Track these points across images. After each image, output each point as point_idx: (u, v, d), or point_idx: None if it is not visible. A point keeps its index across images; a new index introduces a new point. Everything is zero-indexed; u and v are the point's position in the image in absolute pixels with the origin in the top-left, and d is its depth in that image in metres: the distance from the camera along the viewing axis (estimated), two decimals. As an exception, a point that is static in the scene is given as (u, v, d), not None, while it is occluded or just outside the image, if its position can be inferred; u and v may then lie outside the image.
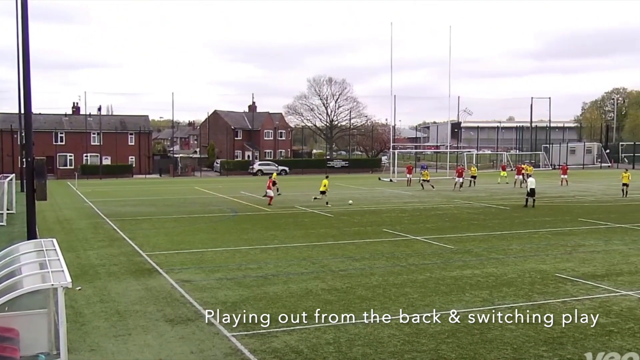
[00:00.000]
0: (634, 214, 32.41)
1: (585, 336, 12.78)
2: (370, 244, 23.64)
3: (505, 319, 13.85)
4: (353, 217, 31.89)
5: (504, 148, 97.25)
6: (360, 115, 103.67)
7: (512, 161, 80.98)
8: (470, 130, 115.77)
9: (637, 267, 19.33)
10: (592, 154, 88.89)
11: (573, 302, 15.35)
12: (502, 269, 19.13)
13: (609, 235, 25.49)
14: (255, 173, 76.76)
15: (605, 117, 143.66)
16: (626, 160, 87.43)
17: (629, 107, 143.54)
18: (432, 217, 31.65)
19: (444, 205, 37.08)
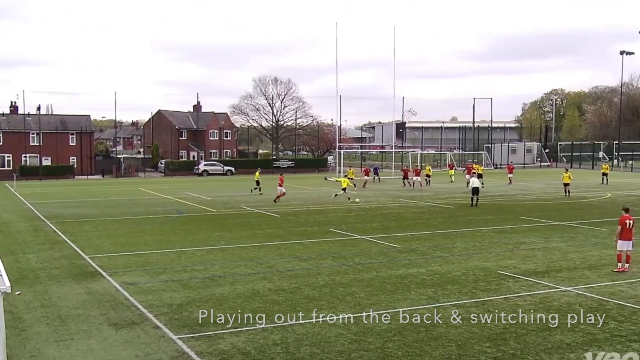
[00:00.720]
0: (572, 212, 33.35)
1: (527, 332, 13.09)
2: (316, 244, 23.69)
3: (450, 316, 14.08)
4: (299, 217, 31.92)
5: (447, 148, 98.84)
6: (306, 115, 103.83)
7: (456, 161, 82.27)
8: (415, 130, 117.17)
9: (576, 264, 19.90)
10: (532, 153, 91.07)
11: (515, 298, 15.70)
12: (446, 267, 19.43)
13: (549, 233, 26.17)
14: (200, 173, 76.05)
15: (544, 117, 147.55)
16: (565, 160, 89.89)
17: (567, 107, 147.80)
18: (378, 217, 31.93)
19: (390, 205, 37.45)
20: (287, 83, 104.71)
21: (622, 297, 15.76)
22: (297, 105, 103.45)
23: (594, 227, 27.59)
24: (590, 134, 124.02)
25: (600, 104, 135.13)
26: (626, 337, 12.69)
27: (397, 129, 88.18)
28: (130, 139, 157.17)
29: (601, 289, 16.67)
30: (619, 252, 18.89)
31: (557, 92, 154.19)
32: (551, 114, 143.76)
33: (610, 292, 16.25)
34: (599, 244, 23.56)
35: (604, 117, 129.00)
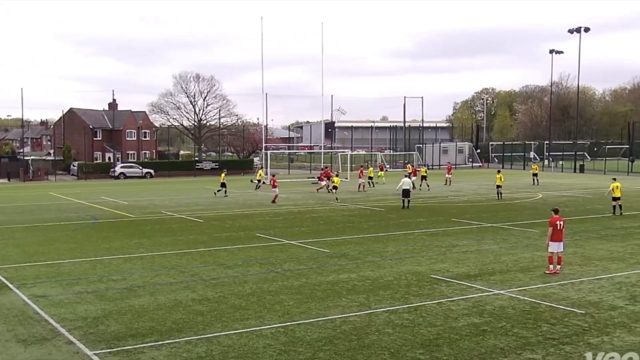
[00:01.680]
0: (504, 213, 34.33)
1: (461, 337, 13.38)
2: (243, 250, 23.57)
3: (383, 322, 14.25)
4: (224, 221, 31.69)
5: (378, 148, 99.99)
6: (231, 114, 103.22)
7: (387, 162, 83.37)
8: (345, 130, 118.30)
9: (508, 266, 20.48)
10: (464, 153, 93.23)
11: (448, 303, 16.02)
12: (378, 271, 19.66)
13: (481, 235, 26.86)
14: (117, 176, 74.51)
15: (475, 116, 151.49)
16: (496, 160, 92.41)
17: (498, 107, 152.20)
18: (307, 220, 32.03)
19: (319, 208, 37.63)
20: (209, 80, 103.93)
21: (554, 299, 16.31)
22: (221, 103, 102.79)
23: (525, 229, 28.47)
24: (521, 133, 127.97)
25: (530, 104, 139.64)
26: (558, 340, 13.14)
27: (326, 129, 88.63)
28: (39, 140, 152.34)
29: (533, 291, 17.21)
30: (550, 254, 19.55)
31: (488, 91, 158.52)
32: (482, 113, 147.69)
33: (543, 295, 16.80)
34: (531, 245, 24.32)
35: (535, 117, 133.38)
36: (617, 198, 33.83)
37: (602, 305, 15.83)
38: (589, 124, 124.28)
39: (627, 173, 68.75)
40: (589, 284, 18.13)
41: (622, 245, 24.43)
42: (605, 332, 13.66)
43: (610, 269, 20.14)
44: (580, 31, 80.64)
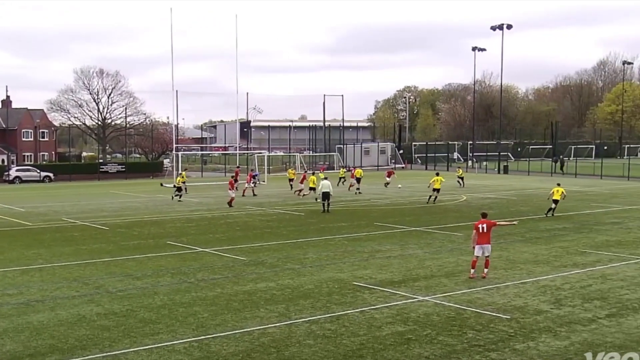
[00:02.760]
0: (428, 217, 35.01)
1: (385, 346, 13.57)
2: (152, 259, 23.19)
3: (304, 333, 14.30)
4: (132, 229, 31.11)
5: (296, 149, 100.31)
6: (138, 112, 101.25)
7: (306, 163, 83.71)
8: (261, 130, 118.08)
9: (433, 272, 20.90)
10: (386, 154, 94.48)
11: (371, 311, 16.22)
12: (298, 280, 19.71)
13: (405, 239, 27.31)
14: (12, 180, 71.96)
15: (398, 116, 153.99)
16: (419, 161, 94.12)
17: (421, 106, 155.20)
18: (222, 226, 31.81)
19: (235, 213, 37.43)
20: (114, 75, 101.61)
21: (480, 305, 16.75)
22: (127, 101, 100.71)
23: (450, 232, 29.13)
24: (444, 133, 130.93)
25: (453, 103, 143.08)
26: (484, 347, 13.50)
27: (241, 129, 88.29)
28: None
29: (459, 297, 17.63)
30: (474, 258, 20.06)
31: (410, 89, 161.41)
32: (405, 112, 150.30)
33: (468, 300, 17.23)
34: (455, 249, 24.90)
35: (458, 116, 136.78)
36: (556, 201, 35.04)
37: (528, 309, 16.36)
38: (513, 123, 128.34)
39: (550, 174, 71.24)
40: (514, 288, 18.70)
41: (546, 247, 25.31)
42: (530, 338, 14.12)
43: (535, 272, 20.83)
44: (502, 28, 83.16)
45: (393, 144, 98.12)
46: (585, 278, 20.07)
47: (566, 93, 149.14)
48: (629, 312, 16.23)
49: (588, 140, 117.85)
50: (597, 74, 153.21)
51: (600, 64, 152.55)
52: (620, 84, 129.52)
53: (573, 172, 69.59)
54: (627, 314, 16.06)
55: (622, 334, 14.45)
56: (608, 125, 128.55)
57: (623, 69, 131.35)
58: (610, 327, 15.00)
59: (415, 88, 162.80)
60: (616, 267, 21.72)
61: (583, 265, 21.95)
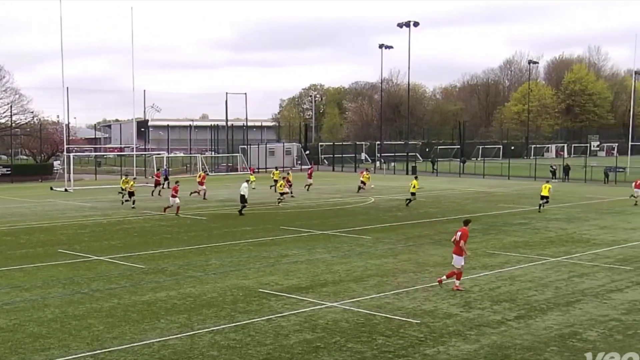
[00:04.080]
0: (336, 220, 35.31)
1: (292, 355, 13.61)
2: (42, 269, 22.48)
3: (207, 344, 14.17)
4: (19, 236, 30.06)
5: (197, 149, 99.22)
6: (25, 110, 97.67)
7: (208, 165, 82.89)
8: (160, 129, 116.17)
9: (341, 276, 21.11)
10: (292, 155, 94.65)
11: (278, 318, 16.24)
12: (201, 287, 19.53)
13: (312, 243, 27.47)
14: None
15: (303, 115, 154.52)
16: (326, 162, 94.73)
17: (327, 105, 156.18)
18: (119, 233, 31.15)
19: (132, 218, 36.71)
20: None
21: (389, 310, 17.04)
22: (13, 98, 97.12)
23: (358, 236, 29.48)
24: (352, 133, 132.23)
25: (361, 102, 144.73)
26: (394, 353, 13.74)
27: (138, 128, 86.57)
28: None
29: (368, 302, 17.87)
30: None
31: (316, 87, 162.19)
32: (311, 111, 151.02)
33: (377, 305, 17.48)
34: (364, 253, 25.23)
35: (366, 116, 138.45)
36: (543, 197, 39.09)
37: (437, 313, 16.74)
38: (420, 123, 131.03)
39: (458, 175, 73.11)
40: (423, 291, 19.10)
41: (455, 249, 25.90)
42: (440, 342, 14.45)
43: (444, 274, 21.29)
44: (409, 26, 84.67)
45: (299, 145, 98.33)
46: (494, 280, 20.71)
47: (473, 92, 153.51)
48: (537, 314, 16.85)
49: (495, 140, 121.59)
50: (504, 73, 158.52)
51: (506, 63, 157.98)
52: (526, 83, 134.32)
53: (481, 173, 71.59)
54: (536, 315, 16.67)
55: (530, 336, 14.99)
56: (515, 125, 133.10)
57: (529, 68, 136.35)
58: (519, 329, 15.53)
59: (321, 86, 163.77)
60: (524, 268, 22.51)
61: (492, 267, 22.65)
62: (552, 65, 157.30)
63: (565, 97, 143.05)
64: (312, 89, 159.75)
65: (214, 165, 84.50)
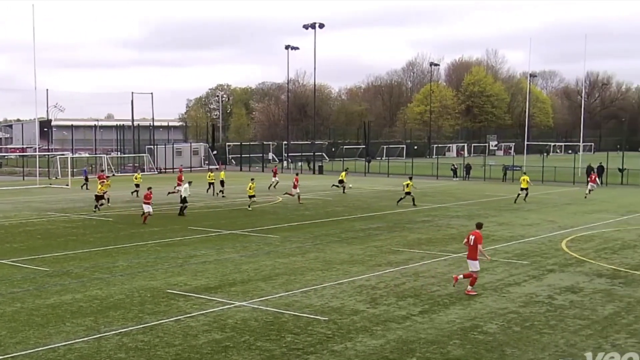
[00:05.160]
0: (244, 219, 35.15)
1: (202, 355, 13.49)
2: (-60, 274, 21.54)
3: (114, 347, 13.90)
4: None
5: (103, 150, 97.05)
6: None
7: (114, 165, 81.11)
8: (64, 129, 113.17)
9: (250, 276, 21.05)
10: (200, 155, 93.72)
11: (187, 319, 16.07)
12: (107, 290, 19.12)
13: (221, 243, 27.28)
14: None
15: (211, 115, 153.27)
16: (234, 162, 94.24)
17: (234, 105, 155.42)
18: (21, 235, 30.12)
19: (36, 220, 35.58)
20: None
21: (297, 308, 17.10)
22: None
23: (266, 235, 29.45)
24: (259, 133, 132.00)
25: (267, 102, 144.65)
26: (303, 350, 13.80)
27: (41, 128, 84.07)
28: None
29: (276, 300, 17.89)
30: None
31: (223, 87, 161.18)
32: (218, 111, 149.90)
33: (286, 304, 17.53)
34: (272, 252, 25.24)
35: (272, 116, 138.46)
36: (523, 188, 43.69)
37: (345, 310, 16.92)
38: (327, 123, 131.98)
39: (364, 174, 74.00)
40: (331, 289, 19.27)
41: (362, 247, 26.28)
42: (348, 338, 14.61)
43: (351, 272, 21.58)
44: (315, 27, 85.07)
45: (206, 145, 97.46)
46: (399, 276, 21.07)
47: (378, 93, 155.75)
48: (440, 308, 17.25)
49: (399, 140, 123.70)
50: (407, 75, 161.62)
51: (409, 64, 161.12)
52: (428, 84, 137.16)
53: (385, 172, 72.64)
54: (439, 310, 17.07)
55: (434, 330, 15.33)
56: (418, 125, 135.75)
57: (430, 70, 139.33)
58: (423, 323, 15.86)
59: (228, 86, 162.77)
60: (427, 264, 23.00)
61: (397, 264, 23.03)
62: (452, 67, 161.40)
63: (465, 99, 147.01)
64: (219, 89, 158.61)
65: (120, 166, 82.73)
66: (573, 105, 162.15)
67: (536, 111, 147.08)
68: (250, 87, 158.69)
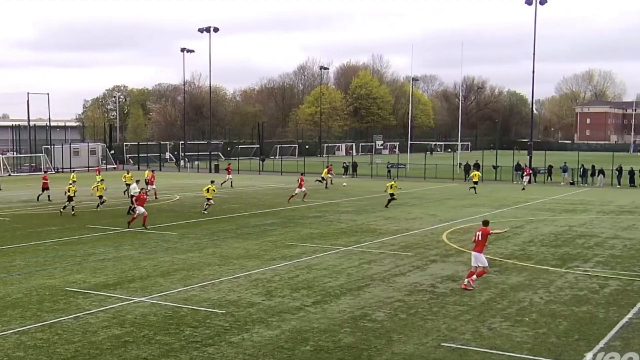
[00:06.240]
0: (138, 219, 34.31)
1: (101, 351, 13.16)
2: None
3: (12, 346, 13.37)
4: None
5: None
6: None
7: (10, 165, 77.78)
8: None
9: (149, 272, 20.66)
10: (97, 155, 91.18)
11: (86, 316, 15.63)
12: (4, 289, 18.34)
13: (119, 241, 26.63)
14: None
15: (108, 115, 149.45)
16: (131, 162, 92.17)
17: (131, 105, 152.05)
18: None
19: None
20: None
21: (196, 302, 16.93)
22: None
23: (164, 232, 28.98)
24: (156, 133, 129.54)
25: (164, 103, 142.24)
26: (201, 342, 13.68)
27: None
28: None
29: (175, 295, 17.65)
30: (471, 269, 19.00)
31: (120, 88, 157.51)
32: (115, 112, 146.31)
33: (184, 298, 17.32)
34: (170, 249, 24.86)
35: (169, 116, 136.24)
36: (475, 182, 48.45)
37: (241, 303, 16.87)
38: (222, 123, 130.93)
39: (258, 172, 73.88)
40: (228, 283, 19.17)
41: (257, 242, 26.26)
42: (245, 330, 14.59)
43: (247, 266, 21.53)
44: (210, 31, 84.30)
45: (104, 144, 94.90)
46: (293, 269, 21.18)
47: (271, 95, 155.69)
48: (331, 299, 17.45)
49: (292, 139, 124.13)
50: (298, 78, 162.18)
51: (300, 68, 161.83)
52: (319, 87, 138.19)
53: (279, 170, 72.73)
54: (331, 300, 17.27)
55: (326, 319, 15.50)
56: (309, 126, 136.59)
57: (320, 74, 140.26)
58: (316, 313, 16.01)
59: (125, 87, 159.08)
60: (319, 258, 23.21)
61: (290, 258, 23.14)
62: (341, 71, 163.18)
63: (352, 101, 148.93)
64: (116, 90, 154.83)
65: (16, 166, 79.42)
66: (451, 107, 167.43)
67: (418, 112, 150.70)
68: (147, 88, 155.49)
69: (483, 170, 63.10)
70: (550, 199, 44.94)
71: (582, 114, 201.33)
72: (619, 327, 15.16)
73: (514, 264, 22.36)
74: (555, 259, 23.25)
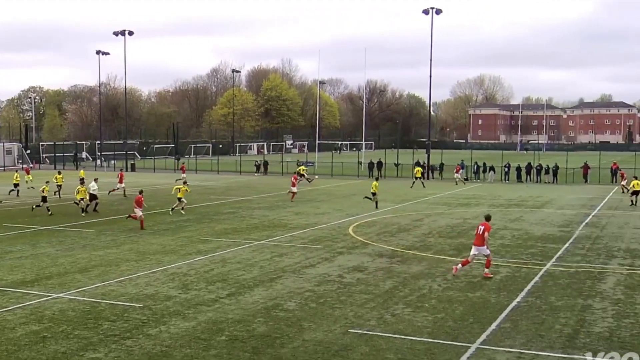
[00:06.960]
0: (59, 216, 33.21)
1: (19, 347, 12.70)
2: None
3: None
4: None
5: None
6: None
7: None
8: None
9: (67, 269, 20.04)
10: (13, 155, 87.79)
11: (4, 313, 15.04)
12: None
13: (37, 239, 25.69)
14: None
15: (24, 116, 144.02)
16: (47, 161, 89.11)
17: (47, 106, 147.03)
18: None
19: None
20: None
21: (114, 297, 16.55)
22: None
23: (81, 229, 28.17)
24: (72, 133, 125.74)
25: (80, 104, 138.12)
26: (120, 336, 13.40)
27: None
28: None
29: (93, 291, 17.20)
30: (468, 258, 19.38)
31: (35, 89, 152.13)
32: (31, 112, 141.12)
33: (102, 293, 16.90)
34: (88, 245, 24.18)
35: (85, 117, 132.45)
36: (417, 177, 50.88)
37: (158, 296, 16.60)
38: (138, 124, 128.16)
39: (174, 171, 72.70)
40: (145, 277, 18.82)
41: (173, 238, 25.87)
42: (162, 322, 14.37)
43: (164, 261, 21.19)
44: (125, 34, 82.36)
45: (20, 144, 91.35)
46: (208, 263, 20.99)
47: (185, 96, 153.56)
48: (245, 290, 17.40)
49: (205, 139, 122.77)
50: (211, 80, 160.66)
51: (213, 71, 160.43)
52: (231, 89, 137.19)
53: (194, 169, 71.82)
54: (244, 292, 17.22)
55: (240, 310, 15.45)
56: (222, 126, 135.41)
57: (233, 76, 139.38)
58: (230, 305, 15.93)
59: (40, 88, 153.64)
60: (234, 252, 23.09)
61: (206, 252, 22.92)
62: (252, 74, 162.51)
63: (264, 102, 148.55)
64: (32, 91, 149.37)
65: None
66: (356, 109, 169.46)
67: (325, 114, 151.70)
68: (63, 89, 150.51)
69: (385, 168, 64.28)
70: (446, 194, 46.16)
71: (475, 116, 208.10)
72: (509, 310, 15.75)
73: (414, 254, 22.86)
74: (452, 249, 23.92)
